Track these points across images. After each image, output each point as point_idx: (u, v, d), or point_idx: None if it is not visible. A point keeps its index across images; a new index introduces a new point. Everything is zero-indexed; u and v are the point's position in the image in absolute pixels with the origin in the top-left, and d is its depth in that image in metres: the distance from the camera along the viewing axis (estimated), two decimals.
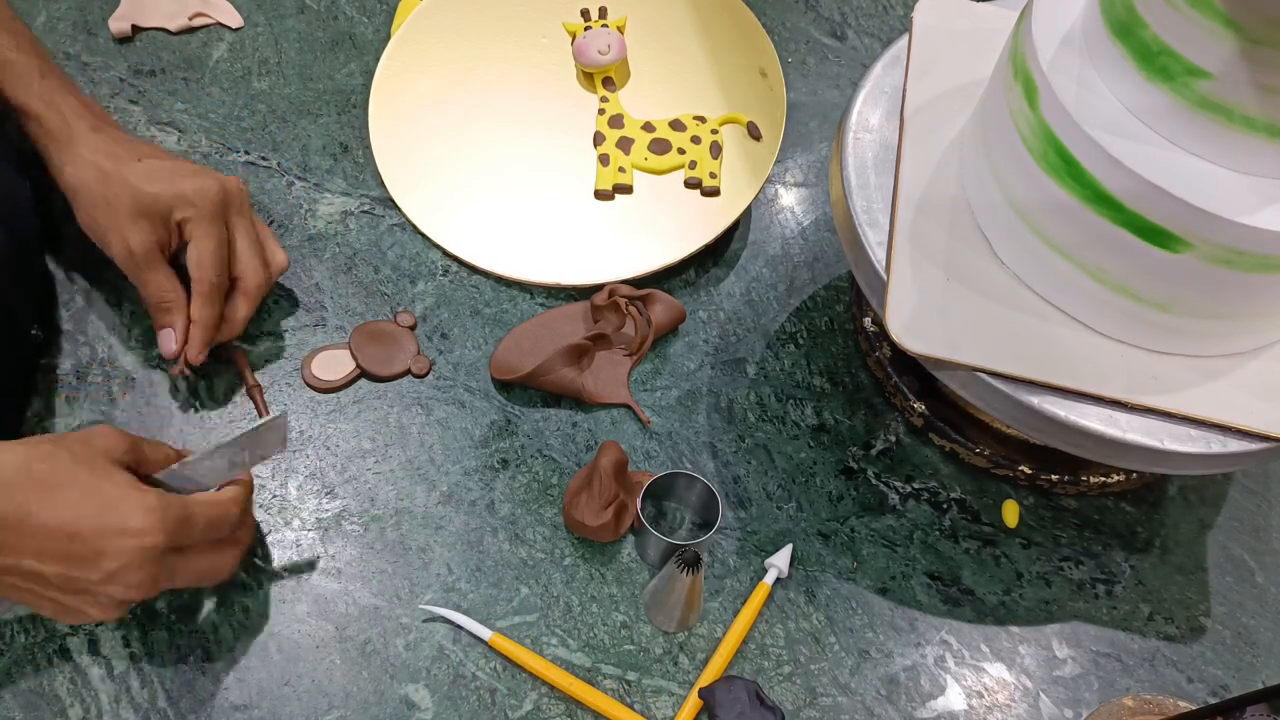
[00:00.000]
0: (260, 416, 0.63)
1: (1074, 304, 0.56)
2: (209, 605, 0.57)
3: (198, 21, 0.81)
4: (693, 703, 0.56)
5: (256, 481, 0.62)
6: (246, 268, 0.62)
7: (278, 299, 0.68)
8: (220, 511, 0.52)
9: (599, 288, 0.69)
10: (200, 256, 0.60)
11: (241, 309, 0.62)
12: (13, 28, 0.62)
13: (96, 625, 0.56)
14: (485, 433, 0.65)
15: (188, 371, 0.62)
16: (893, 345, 0.56)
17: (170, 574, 0.50)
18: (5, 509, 0.45)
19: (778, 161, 0.78)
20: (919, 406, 0.65)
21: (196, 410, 0.64)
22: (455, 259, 0.72)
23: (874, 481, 0.65)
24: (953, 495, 0.65)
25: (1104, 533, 0.65)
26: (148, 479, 0.51)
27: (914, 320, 0.55)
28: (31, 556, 0.46)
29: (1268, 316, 0.54)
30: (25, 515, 0.46)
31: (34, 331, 0.64)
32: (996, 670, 0.60)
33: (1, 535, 0.46)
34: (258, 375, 0.65)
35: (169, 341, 0.61)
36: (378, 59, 0.79)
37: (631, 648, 0.58)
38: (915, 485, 0.66)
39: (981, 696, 0.59)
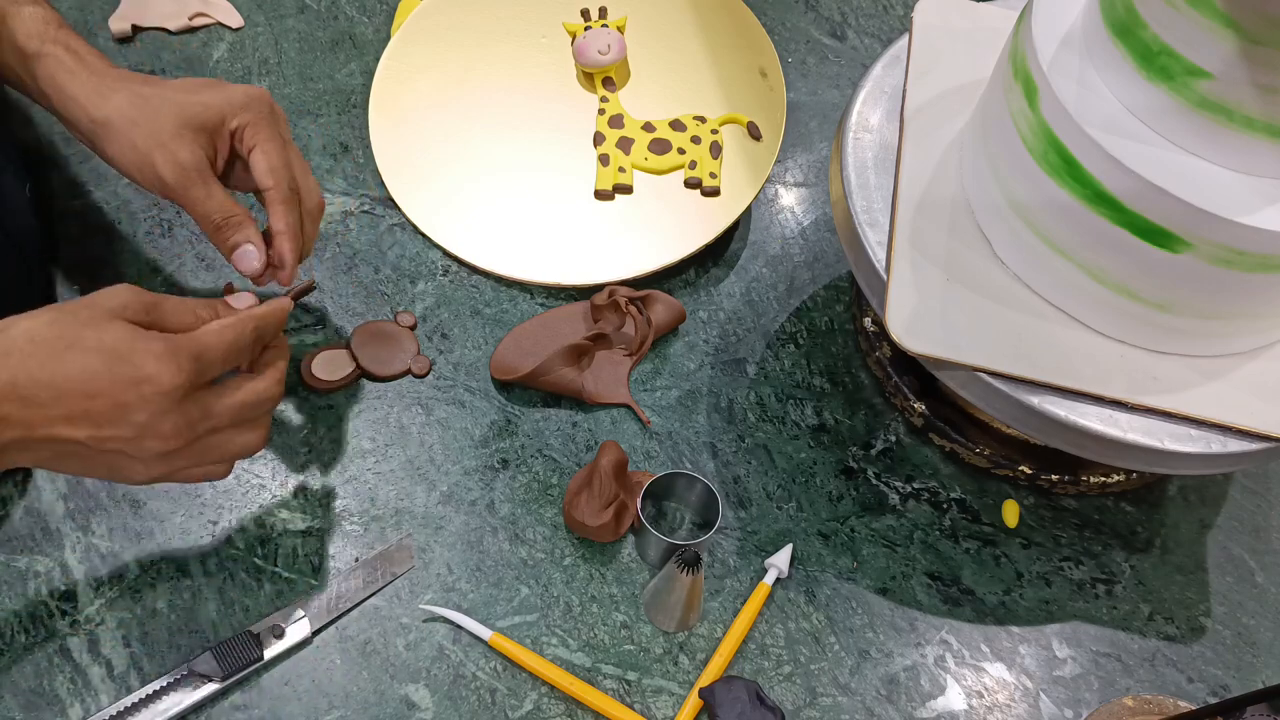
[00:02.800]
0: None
1: (1074, 304, 0.56)
2: (209, 605, 0.57)
3: (198, 21, 0.81)
4: (693, 703, 0.56)
5: (257, 481, 0.62)
6: (307, 183, 0.58)
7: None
8: (235, 334, 0.49)
9: (599, 288, 0.69)
10: (271, 163, 0.55)
11: (309, 228, 0.58)
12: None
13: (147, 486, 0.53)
14: (485, 433, 0.65)
15: (279, 278, 0.57)
16: (893, 345, 0.56)
17: (205, 414, 0.48)
18: (17, 378, 0.44)
19: (778, 161, 0.78)
20: (919, 406, 0.65)
21: None
22: (455, 259, 0.72)
23: (874, 481, 0.65)
24: (953, 495, 0.65)
25: (1104, 533, 0.65)
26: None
27: (914, 320, 0.55)
28: (60, 424, 0.45)
29: (1268, 316, 0.54)
30: (36, 382, 0.44)
31: None
32: (996, 670, 0.60)
33: (19, 406, 0.44)
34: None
35: (251, 259, 0.55)
36: (378, 59, 0.79)
37: (631, 648, 0.58)
38: (915, 485, 0.66)
39: (981, 696, 0.59)
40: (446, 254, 0.72)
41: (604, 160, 0.74)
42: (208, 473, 0.51)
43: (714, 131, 0.74)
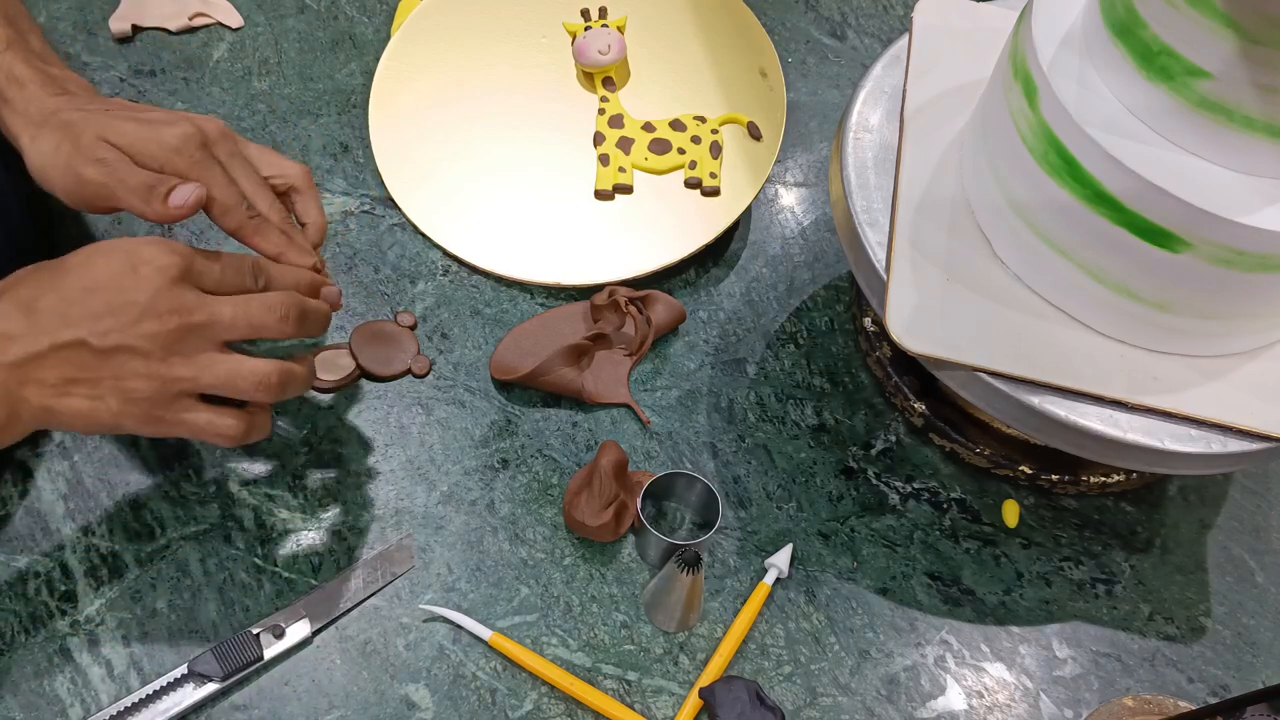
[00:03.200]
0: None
1: (1074, 304, 0.56)
2: (209, 605, 0.57)
3: (198, 21, 0.81)
4: (693, 703, 0.56)
5: (256, 481, 0.62)
6: (260, 201, 0.55)
7: None
8: (239, 260, 0.51)
9: (599, 288, 0.69)
10: (221, 200, 0.53)
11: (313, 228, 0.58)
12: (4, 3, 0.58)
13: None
14: (485, 433, 0.65)
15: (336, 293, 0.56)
16: (893, 345, 0.56)
17: (201, 301, 0.48)
18: (20, 293, 0.47)
19: (778, 161, 0.78)
20: (919, 406, 0.65)
21: None
22: (455, 259, 0.72)
23: (874, 481, 0.65)
24: (953, 495, 0.65)
25: (1104, 533, 0.65)
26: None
27: (914, 320, 0.55)
28: (61, 327, 0.46)
29: (1268, 316, 0.54)
30: (39, 289, 0.47)
31: None
32: (996, 670, 0.60)
33: (23, 317, 0.46)
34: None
35: (185, 193, 0.51)
36: (378, 59, 0.79)
37: (631, 648, 0.58)
38: (915, 485, 0.66)
39: (981, 696, 0.59)
40: (446, 254, 0.72)
41: (604, 160, 0.74)
42: (212, 421, 0.50)
43: (714, 131, 0.74)
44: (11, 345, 0.46)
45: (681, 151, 0.74)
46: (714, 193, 0.72)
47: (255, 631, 0.55)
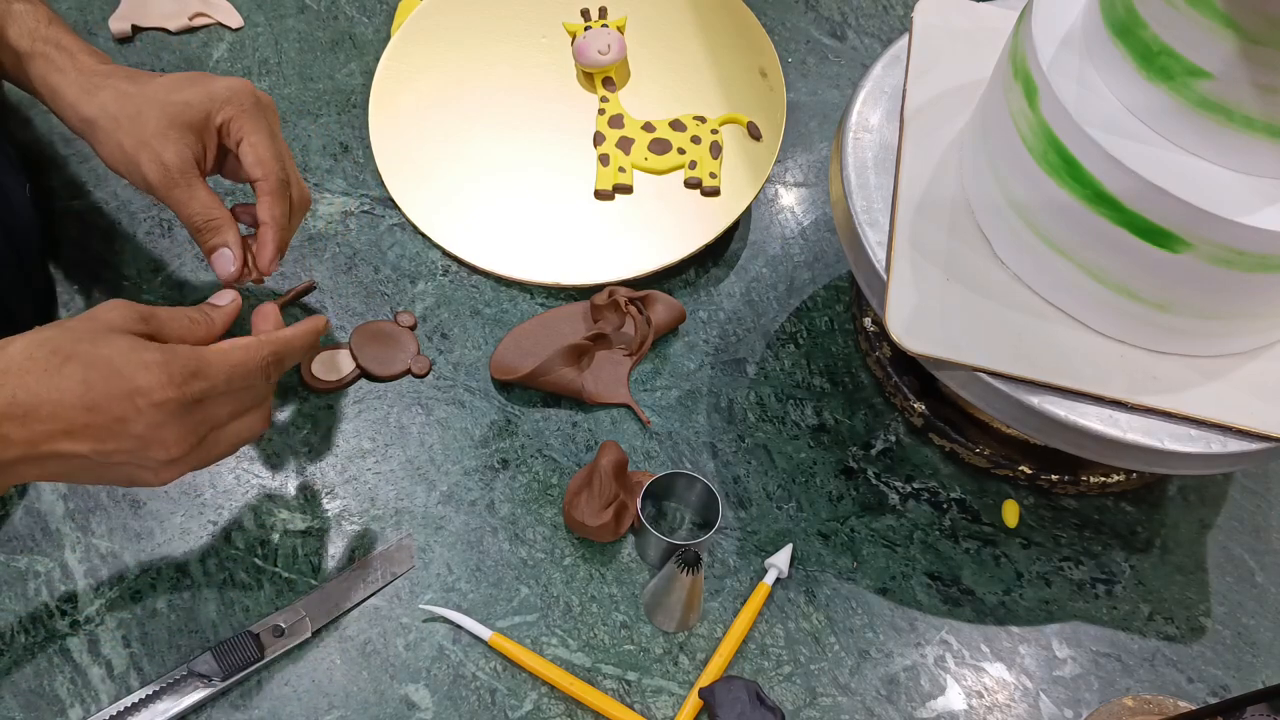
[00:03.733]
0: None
1: (1074, 304, 0.56)
2: (209, 605, 0.57)
3: (198, 21, 0.81)
4: (693, 703, 0.56)
5: (257, 481, 0.62)
6: (294, 177, 0.57)
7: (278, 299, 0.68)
8: (242, 357, 0.49)
9: (599, 288, 0.69)
10: (260, 154, 0.55)
11: (295, 221, 0.58)
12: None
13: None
14: (485, 433, 0.65)
15: (254, 277, 0.57)
16: (893, 345, 0.56)
17: (205, 417, 0.48)
18: (16, 395, 0.44)
19: (778, 161, 0.78)
20: (919, 406, 0.65)
21: None
22: (455, 259, 0.72)
23: (874, 481, 0.65)
24: (953, 495, 0.65)
25: (1104, 533, 0.65)
26: None
27: (914, 320, 0.55)
28: (62, 440, 0.45)
29: (1268, 316, 0.54)
30: (36, 398, 0.44)
31: None
32: (996, 670, 0.60)
33: (19, 425, 0.44)
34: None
35: (227, 263, 0.55)
36: (378, 59, 0.79)
37: (631, 648, 0.58)
38: (915, 485, 0.66)
39: (981, 696, 0.59)
40: (446, 254, 0.72)
41: (604, 160, 0.74)
42: (221, 458, 0.51)
43: (714, 131, 0.74)
44: (7, 448, 0.44)
45: (681, 151, 0.74)
46: (714, 193, 0.72)
47: (255, 631, 0.55)
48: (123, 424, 0.45)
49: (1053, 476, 0.64)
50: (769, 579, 0.60)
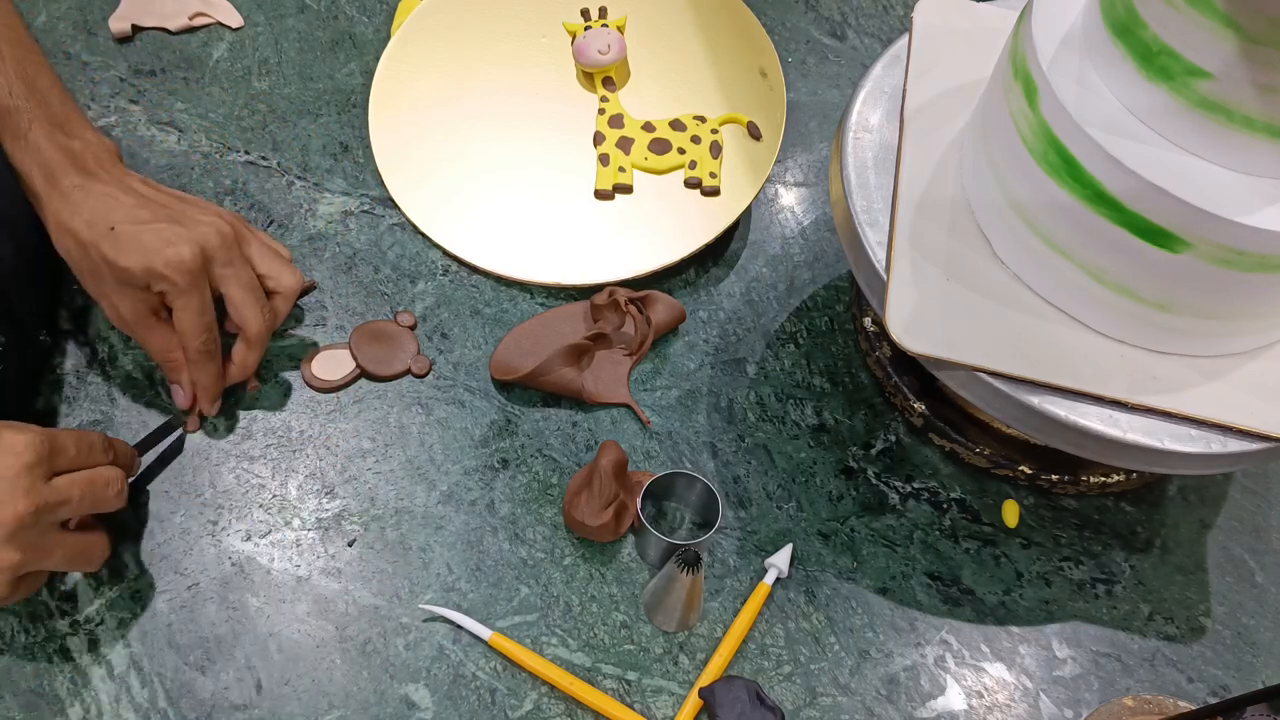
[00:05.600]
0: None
1: (1074, 304, 0.56)
2: (209, 605, 0.57)
3: (198, 21, 0.81)
4: (693, 703, 0.56)
5: (255, 481, 0.62)
6: (245, 316, 0.59)
7: None
8: (80, 435, 0.53)
9: (599, 288, 0.69)
10: (181, 327, 0.58)
11: (248, 356, 0.61)
12: (22, 59, 0.60)
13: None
14: (485, 433, 0.65)
15: (199, 426, 0.63)
16: (893, 345, 0.56)
17: (54, 491, 0.50)
18: None
19: (778, 161, 0.78)
20: (919, 406, 0.65)
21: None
22: (455, 259, 0.72)
23: (874, 481, 0.65)
24: (953, 495, 0.65)
25: (1104, 533, 0.65)
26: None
27: (914, 320, 0.55)
28: None
29: (1268, 316, 0.54)
30: None
31: (42, 336, 0.64)
32: (996, 670, 0.60)
33: None
34: (258, 376, 0.65)
35: (179, 396, 0.62)
36: (378, 59, 0.79)
37: (631, 648, 0.58)
38: (915, 485, 0.66)
39: (981, 696, 0.59)
40: (446, 254, 0.72)
41: (604, 160, 0.74)
42: (63, 561, 0.53)
43: (714, 131, 0.74)
44: None
45: (681, 151, 0.74)
46: (714, 193, 0.72)
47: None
48: None
49: (1053, 476, 0.64)
50: (769, 579, 0.60)
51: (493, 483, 0.63)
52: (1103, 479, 0.64)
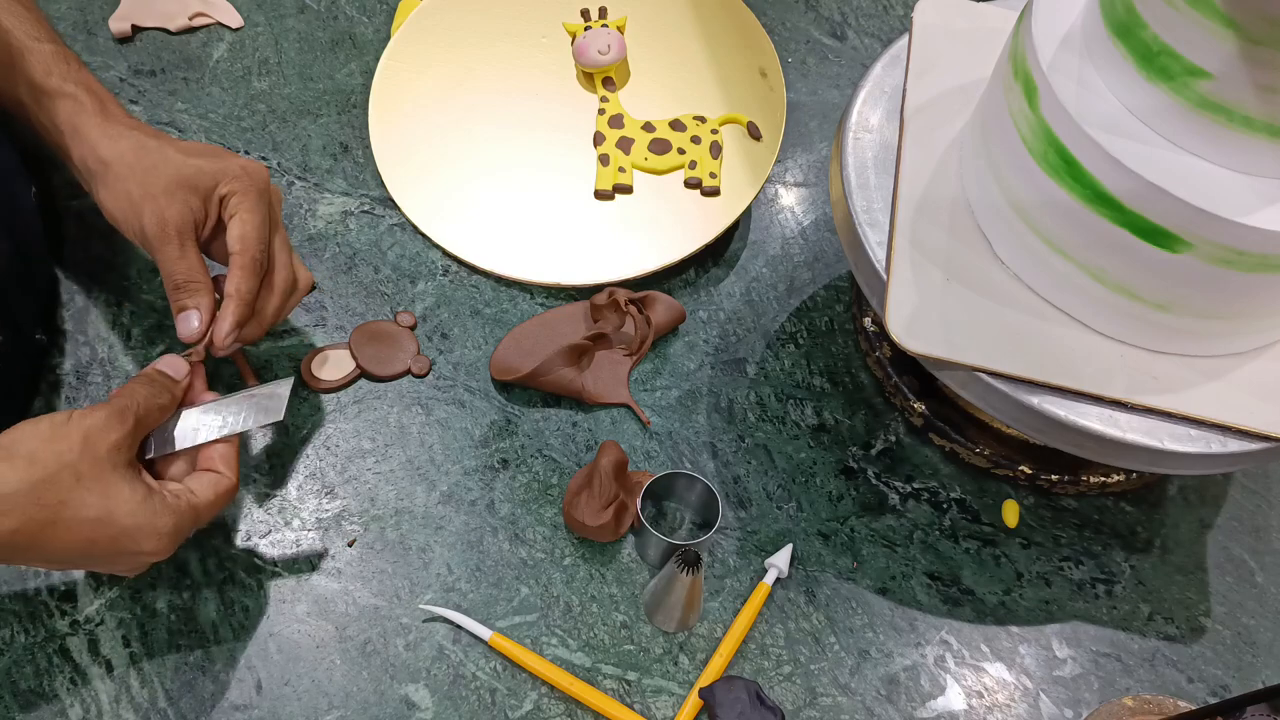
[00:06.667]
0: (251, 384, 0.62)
1: (1074, 304, 0.56)
2: (209, 605, 0.57)
3: (198, 21, 0.81)
4: (693, 703, 0.56)
5: (257, 480, 0.62)
6: (280, 262, 0.57)
7: None
8: (225, 501, 0.53)
9: (599, 288, 0.69)
10: (244, 230, 0.55)
11: (272, 303, 0.57)
12: (35, 16, 0.61)
13: (95, 625, 0.56)
14: (485, 433, 0.65)
15: (203, 357, 0.56)
16: (893, 345, 0.56)
17: (183, 534, 0.52)
18: (16, 527, 0.46)
19: (778, 161, 0.78)
20: (919, 406, 0.65)
21: None
22: (455, 259, 0.72)
23: (874, 481, 0.65)
24: (953, 495, 0.65)
25: (1104, 533, 0.65)
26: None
27: (914, 320, 0.55)
28: (54, 563, 0.50)
29: (1268, 316, 0.54)
30: (37, 539, 0.46)
31: (38, 336, 0.64)
32: (996, 670, 0.60)
33: (15, 552, 0.47)
34: (257, 376, 0.65)
35: (191, 321, 0.55)
36: (378, 59, 0.79)
37: (631, 648, 0.58)
38: (915, 485, 0.66)
39: (981, 696, 0.59)
40: (446, 254, 0.72)
41: (604, 160, 0.74)
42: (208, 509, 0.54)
43: (714, 131, 0.74)
44: (13, 555, 0.47)
45: (681, 151, 0.74)
46: (714, 193, 0.72)
47: None
48: (116, 557, 0.50)
49: (1053, 476, 0.64)
50: (769, 579, 0.60)
51: (493, 483, 0.63)
52: (1103, 479, 0.64)
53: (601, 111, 0.75)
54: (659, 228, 0.72)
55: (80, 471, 0.47)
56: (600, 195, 0.73)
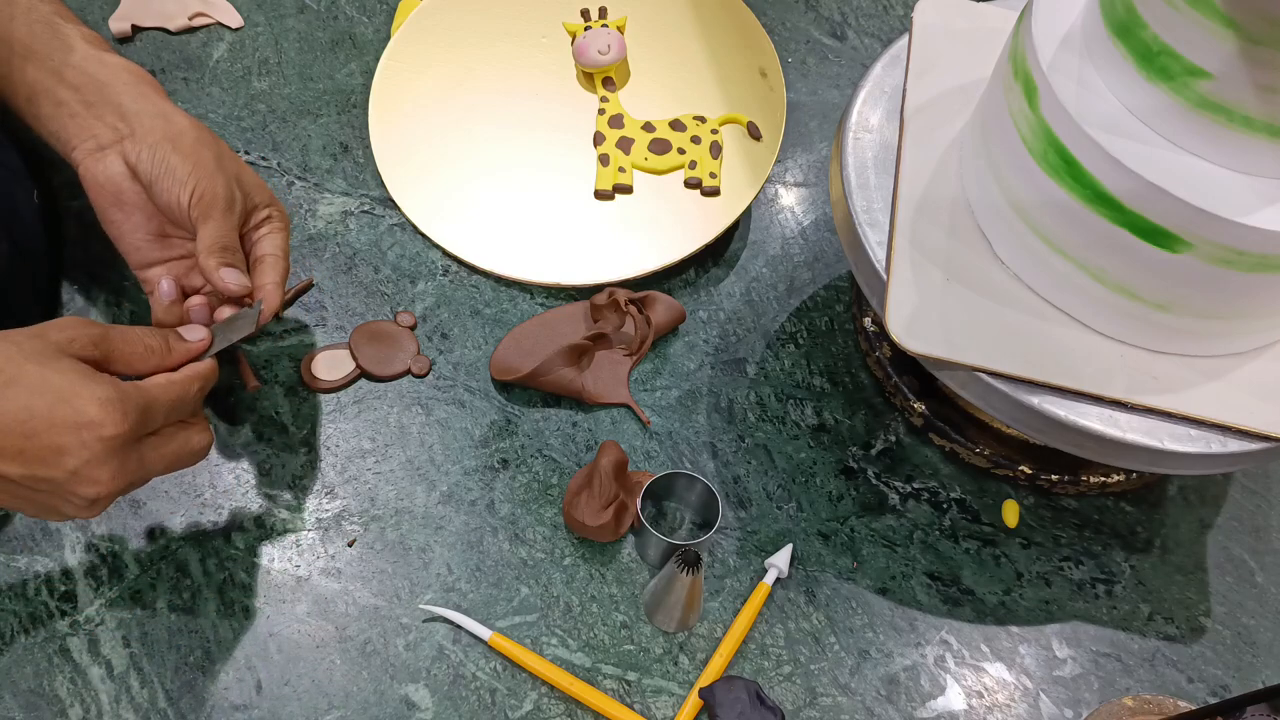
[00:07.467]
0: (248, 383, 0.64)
1: (1074, 304, 0.56)
2: (209, 605, 0.57)
3: (198, 21, 0.81)
4: (693, 703, 0.56)
5: (256, 481, 0.62)
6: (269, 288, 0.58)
7: None
8: (181, 390, 0.50)
9: (599, 288, 0.69)
10: (277, 247, 0.58)
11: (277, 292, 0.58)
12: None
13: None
14: (485, 433, 0.65)
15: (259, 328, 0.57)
16: (893, 345, 0.56)
17: (140, 463, 0.48)
18: None
19: (778, 161, 0.78)
20: (919, 406, 0.65)
21: None
22: (455, 259, 0.72)
23: (874, 481, 0.65)
24: (953, 495, 0.65)
25: (1104, 533, 0.65)
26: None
27: (914, 320, 0.55)
28: None
29: (1268, 316, 0.54)
30: None
31: None
32: (996, 670, 0.60)
33: None
34: (257, 376, 0.65)
35: (240, 278, 0.56)
36: (378, 59, 0.79)
37: (631, 648, 0.58)
38: (915, 485, 0.66)
39: (981, 696, 0.59)
40: (446, 254, 0.72)
41: (604, 160, 0.74)
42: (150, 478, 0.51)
43: (714, 131, 0.74)
44: None
45: (681, 151, 0.74)
46: (714, 193, 0.72)
47: None
48: (59, 454, 0.45)
49: (1053, 476, 0.64)
50: (769, 579, 0.60)
51: (493, 483, 0.63)
52: (1103, 479, 0.64)
53: (601, 111, 0.75)
54: (659, 228, 0.72)
55: (24, 348, 0.46)
56: (600, 195, 0.73)
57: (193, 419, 0.53)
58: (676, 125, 0.75)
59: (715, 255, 0.74)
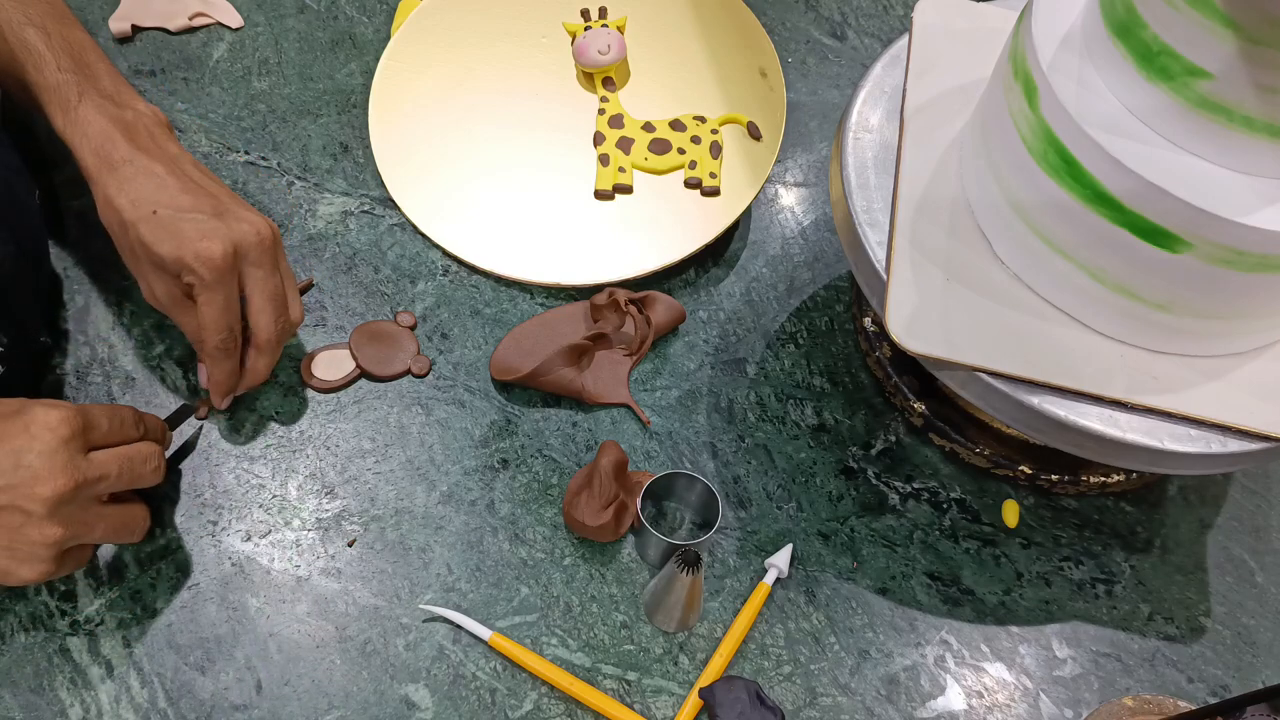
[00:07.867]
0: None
1: (1074, 304, 0.56)
2: (209, 605, 0.57)
3: (198, 21, 0.81)
4: (693, 703, 0.56)
5: (255, 481, 0.62)
6: (260, 322, 0.58)
7: None
8: (118, 410, 0.53)
9: (599, 288, 0.69)
10: (202, 320, 0.57)
11: (257, 361, 0.60)
12: (68, 35, 0.62)
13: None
14: (485, 433, 0.65)
15: (206, 414, 0.64)
16: (893, 345, 0.56)
17: (91, 463, 0.50)
18: None
19: (778, 161, 0.78)
20: (919, 406, 0.65)
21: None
22: (455, 259, 0.72)
23: (874, 481, 0.65)
24: (953, 495, 0.65)
25: (1104, 533, 0.65)
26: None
27: (914, 320, 0.55)
28: None
29: (1268, 316, 0.54)
30: None
31: (43, 339, 0.64)
32: (996, 670, 0.60)
33: None
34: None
35: (203, 376, 0.62)
36: (378, 59, 0.79)
37: (631, 648, 0.58)
38: (915, 485, 0.66)
39: (981, 696, 0.59)
40: (446, 254, 0.72)
41: (604, 160, 0.74)
42: (105, 534, 0.53)
43: (714, 131, 0.74)
44: None
45: (681, 151, 0.74)
46: (714, 193, 0.72)
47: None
48: (15, 455, 0.48)
49: (1053, 476, 0.64)
50: (769, 579, 0.60)
51: (493, 483, 0.63)
52: (1103, 479, 0.64)
53: (601, 111, 0.75)
54: (659, 228, 0.72)
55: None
56: (600, 195, 0.73)
57: (134, 498, 0.55)
58: (676, 125, 0.75)
59: (715, 255, 0.74)
